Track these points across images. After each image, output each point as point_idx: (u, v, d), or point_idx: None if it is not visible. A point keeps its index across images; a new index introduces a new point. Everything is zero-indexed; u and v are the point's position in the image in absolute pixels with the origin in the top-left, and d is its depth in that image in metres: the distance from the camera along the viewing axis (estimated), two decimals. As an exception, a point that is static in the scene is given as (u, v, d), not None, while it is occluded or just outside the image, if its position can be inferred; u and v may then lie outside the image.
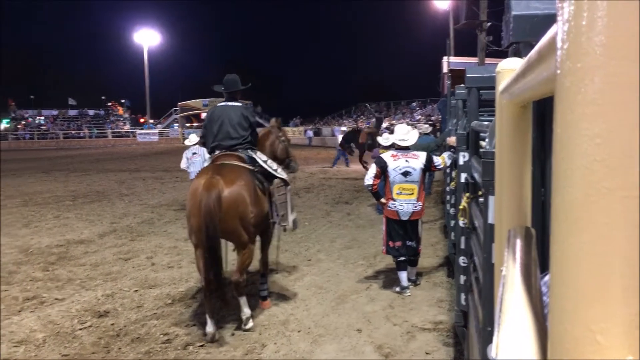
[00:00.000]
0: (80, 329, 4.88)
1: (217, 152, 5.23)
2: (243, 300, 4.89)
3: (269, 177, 5.27)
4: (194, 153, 10.32)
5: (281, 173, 5.42)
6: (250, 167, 5.06)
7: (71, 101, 65.62)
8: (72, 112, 65.77)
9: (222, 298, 4.73)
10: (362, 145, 16.66)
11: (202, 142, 8.83)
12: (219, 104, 5.46)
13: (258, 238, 5.28)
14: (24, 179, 18.96)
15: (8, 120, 65.31)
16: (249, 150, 5.27)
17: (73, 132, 60.08)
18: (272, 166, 5.33)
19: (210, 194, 4.49)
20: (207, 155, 5.87)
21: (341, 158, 20.43)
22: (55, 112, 65.71)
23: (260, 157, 5.31)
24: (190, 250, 7.70)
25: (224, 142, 5.21)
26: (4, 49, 79.65)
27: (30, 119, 64.06)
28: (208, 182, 4.58)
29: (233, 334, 4.73)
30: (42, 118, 64.25)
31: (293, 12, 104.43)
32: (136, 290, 5.98)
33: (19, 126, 62.14)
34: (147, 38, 64.29)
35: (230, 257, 5.50)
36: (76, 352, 4.41)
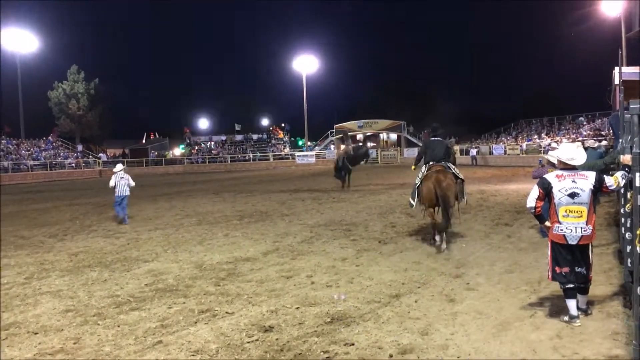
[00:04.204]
0: (248, 342, 5.20)
1: (431, 163, 9.63)
2: (444, 235, 9.19)
3: (455, 177, 9.41)
4: (122, 178, 14.13)
5: (460, 175, 9.66)
6: (451, 171, 9.41)
7: (237, 127, 70.61)
8: (238, 137, 70.72)
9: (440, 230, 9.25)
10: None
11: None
12: (431, 139, 10.26)
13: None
14: (198, 199, 20.77)
15: (183, 145, 72.07)
16: (447, 163, 9.71)
17: (239, 155, 64.54)
18: (456, 171, 9.61)
19: (441, 183, 9.00)
20: (132, 182, 14.36)
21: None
22: (223, 138, 71.14)
23: (452, 166, 9.71)
24: (347, 270, 7.93)
25: (435, 159, 9.66)
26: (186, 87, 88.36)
27: (202, 145, 70.02)
28: (437, 177, 9.09)
29: (391, 356, 4.74)
30: (213, 143, 69.88)
31: (445, 28, 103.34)
32: (297, 308, 6.23)
33: (192, 151, 68.22)
34: (306, 65, 67.42)
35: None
36: (245, 363, 4.71)
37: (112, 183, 14.27)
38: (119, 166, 14.84)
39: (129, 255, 9.71)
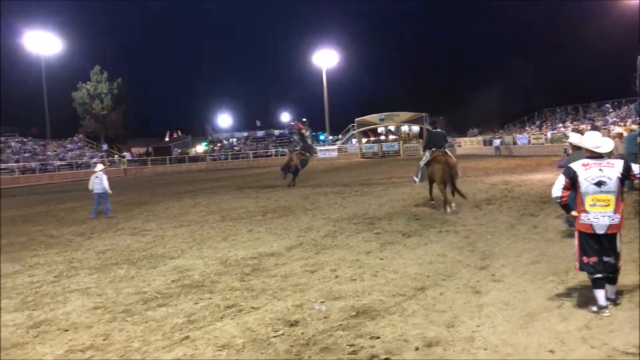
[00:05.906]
0: (274, 337, 5.23)
1: (433, 149, 12.92)
2: (452, 201, 12.28)
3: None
4: (97, 177, 15.30)
5: (453, 158, 12.73)
6: (450, 155, 12.70)
7: (258, 123, 70.98)
8: (260, 133, 71.05)
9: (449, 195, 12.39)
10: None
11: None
12: (432, 130, 13.89)
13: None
14: (222, 196, 20.92)
15: (206, 143, 72.68)
16: (445, 149, 12.94)
17: (261, 151, 64.84)
18: (450, 154, 12.86)
19: (448, 162, 12.22)
20: (107, 184, 15.29)
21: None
22: (245, 134, 71.54)
23: (448, 152, 12.87)
24: (371, 264, 7.91)
25: (437, 146, 12.96)
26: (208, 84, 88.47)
27: (225, 142, 70.47)
28: (445, 159, 12.29)
29: (417, 349, 4.73)
30: (235, 140, 70.31)
31: (469, 14, 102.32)
32: (322, 302, 6.24)
33: (215, 148, 68.72)
34: (326, 59, 67.27)
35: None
36: (271, 358, 4.73)
37: (90, 185, 15.45)
38: (99, 166, 16.14)
39: (155, 253, 9.83)
